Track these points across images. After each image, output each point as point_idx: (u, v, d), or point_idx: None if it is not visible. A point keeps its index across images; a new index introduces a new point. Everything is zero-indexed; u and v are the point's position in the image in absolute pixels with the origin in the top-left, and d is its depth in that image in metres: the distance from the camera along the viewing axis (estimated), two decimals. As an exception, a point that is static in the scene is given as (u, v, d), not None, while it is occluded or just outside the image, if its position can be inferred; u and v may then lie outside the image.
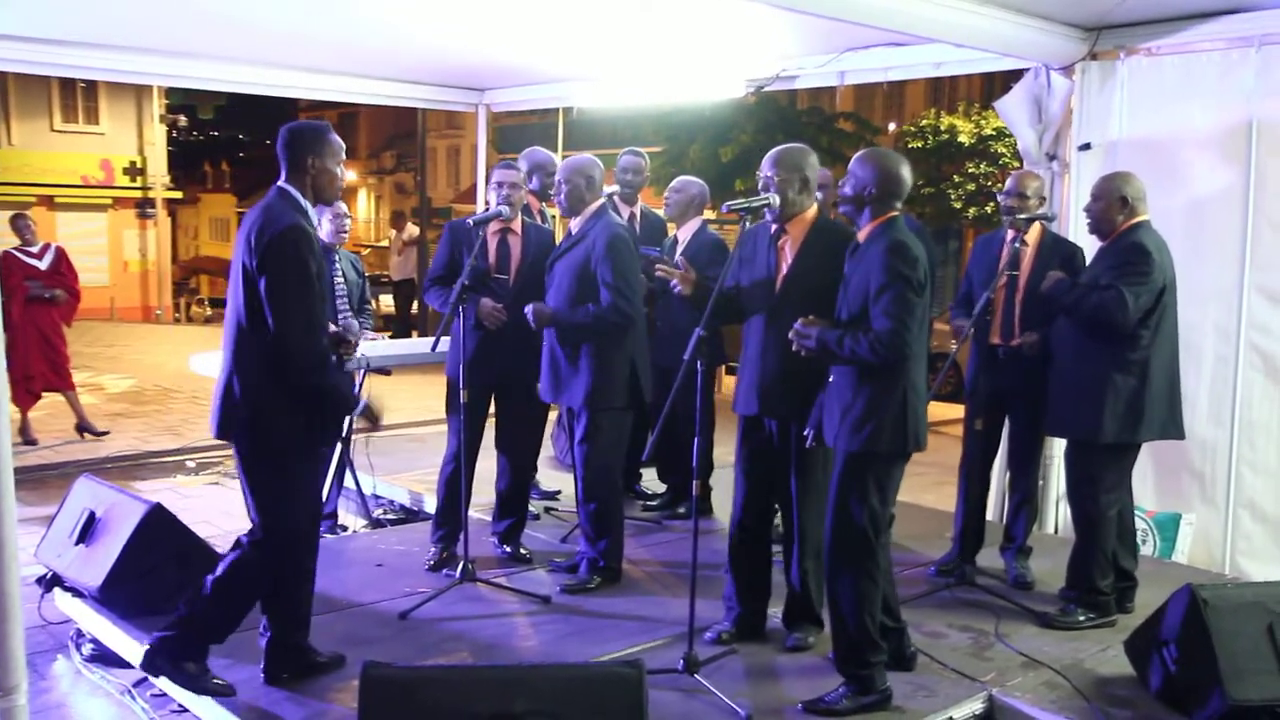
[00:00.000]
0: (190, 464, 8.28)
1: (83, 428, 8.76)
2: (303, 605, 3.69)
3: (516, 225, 4.82)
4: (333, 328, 3.69)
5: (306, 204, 3.47)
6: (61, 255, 8.60)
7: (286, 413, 3.41)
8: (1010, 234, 4.64)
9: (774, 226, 3.83)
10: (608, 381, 4.46)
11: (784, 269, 3.82)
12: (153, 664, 3.54)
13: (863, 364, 3.40)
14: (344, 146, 3.60)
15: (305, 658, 3.68)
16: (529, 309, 4.49)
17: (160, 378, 12.79)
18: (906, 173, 3.53)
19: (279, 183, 3.50)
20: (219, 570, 3.53)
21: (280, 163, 3.50)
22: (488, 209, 4.78)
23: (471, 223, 4.62)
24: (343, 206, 5.45)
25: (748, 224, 3.81)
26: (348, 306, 5.72)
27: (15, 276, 8.28)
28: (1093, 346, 4.15)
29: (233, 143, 47.73)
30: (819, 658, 3.88)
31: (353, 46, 6.55)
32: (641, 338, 4.60)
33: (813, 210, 3.83)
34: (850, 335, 3.38)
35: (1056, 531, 5.58)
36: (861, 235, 3.53)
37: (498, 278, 4.74)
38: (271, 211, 3.40)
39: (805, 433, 3.76)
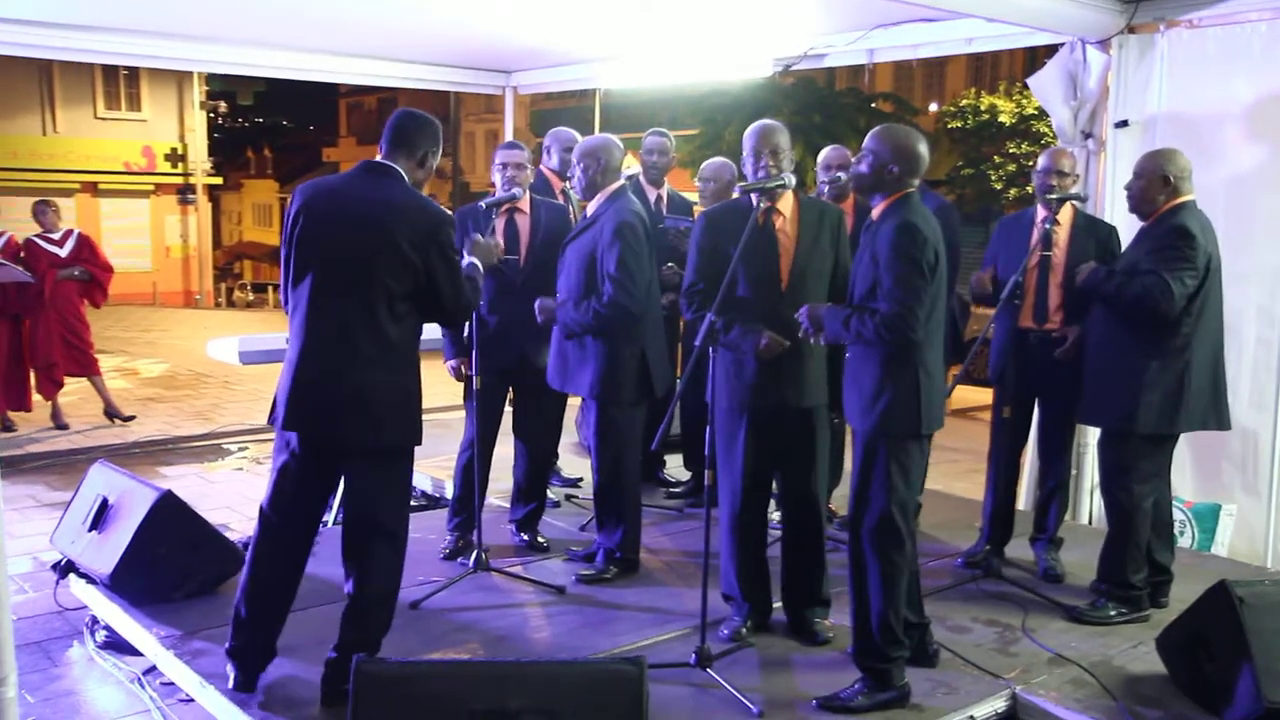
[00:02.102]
0: (230, 447, 8.31)
1: (111, 413, 8.82)
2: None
3: (524, 204, 4.70)
4: None
5: None
6: (84, 242, 8.56)
7: (418, 405, 3.36)
8: (1042, 214, 4.47)
9: (763, 205, 3.72)
10: (616, 373, 4.32)
11: (788, 247, 3.72)
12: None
13: (869, 345, 3.31)
14: None
15: None
16: (536, 304, 4.38)
17: (194, 363, 12.89)
18: (924, 149, 3.39)
19: (393, 163, 3.35)
20: (361, 599, 3.33)
21: (392, 141, 3.37)
22: (493, 192, 4.69)
23: (484, 205, 4.53)
24: None
25: (760, 204, 3.71)
26: None
27: (40, 263, 8.27)
28: (1129, 331, 3.96)
29: (274, 128, 48.06)
30: (837, 652, 3.76)
31: (381, 29, 6.49)
32: (656, 327, 4.45)
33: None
34: (857, 316, 3.29)
35: (1090, 522, 5.41)
36: (876, 212, 3.40)
37: (507, 259, 4.63)
38: (414, 199, 3.33)
39: (833, 419, 3.74)
